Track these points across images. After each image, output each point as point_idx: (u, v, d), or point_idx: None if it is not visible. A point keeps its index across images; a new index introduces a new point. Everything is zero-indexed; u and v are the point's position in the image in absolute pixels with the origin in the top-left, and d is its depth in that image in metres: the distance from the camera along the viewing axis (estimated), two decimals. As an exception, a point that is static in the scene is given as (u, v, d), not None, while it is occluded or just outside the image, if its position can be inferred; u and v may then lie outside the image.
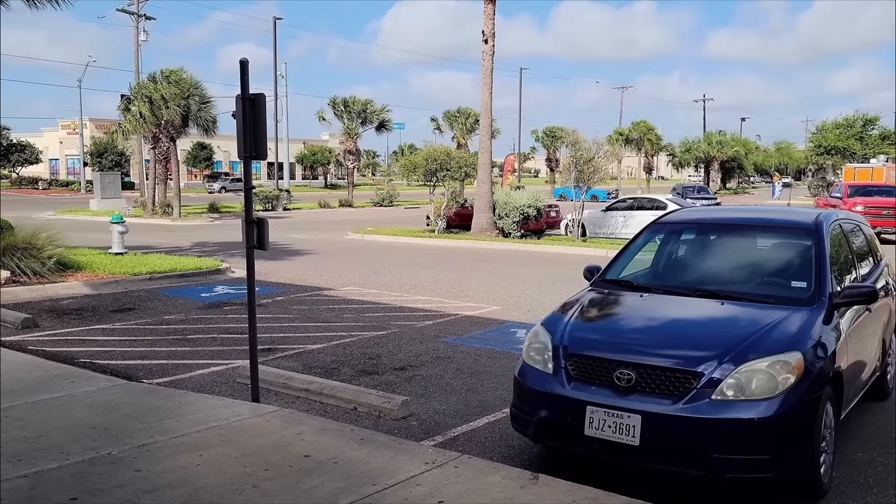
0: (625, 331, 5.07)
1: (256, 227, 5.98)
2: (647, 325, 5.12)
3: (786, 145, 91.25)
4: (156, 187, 32.26)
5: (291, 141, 60.30)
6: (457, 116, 57.60)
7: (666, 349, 4.59)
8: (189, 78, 30.11)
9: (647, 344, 4.71)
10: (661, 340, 4.81)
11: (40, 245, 12.32)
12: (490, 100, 23.01)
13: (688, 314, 5.18)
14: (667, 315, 5.24)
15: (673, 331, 5.04)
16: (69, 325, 9.42)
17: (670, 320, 5.19)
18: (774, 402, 4.20)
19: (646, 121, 68.33)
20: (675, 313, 5.25)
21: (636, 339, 4.81)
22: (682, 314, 5.21)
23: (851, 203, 22.18)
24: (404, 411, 6.05)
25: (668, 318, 5.21)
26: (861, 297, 5.19)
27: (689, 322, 5.09)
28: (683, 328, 5.04)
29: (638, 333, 4.97)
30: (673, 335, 4.94)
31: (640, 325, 5.13)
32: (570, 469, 4.81)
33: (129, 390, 6.24)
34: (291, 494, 4.10)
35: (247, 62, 5.98)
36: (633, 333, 4.97)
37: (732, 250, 6.06)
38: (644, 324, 5.15)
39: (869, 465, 5.14)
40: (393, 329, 9.45)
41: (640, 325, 5.13)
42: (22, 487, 4.18)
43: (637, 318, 5.27)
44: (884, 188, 26.30)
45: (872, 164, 48.84)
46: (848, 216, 6.73)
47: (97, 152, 57.99)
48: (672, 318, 5.20)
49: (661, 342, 4.76)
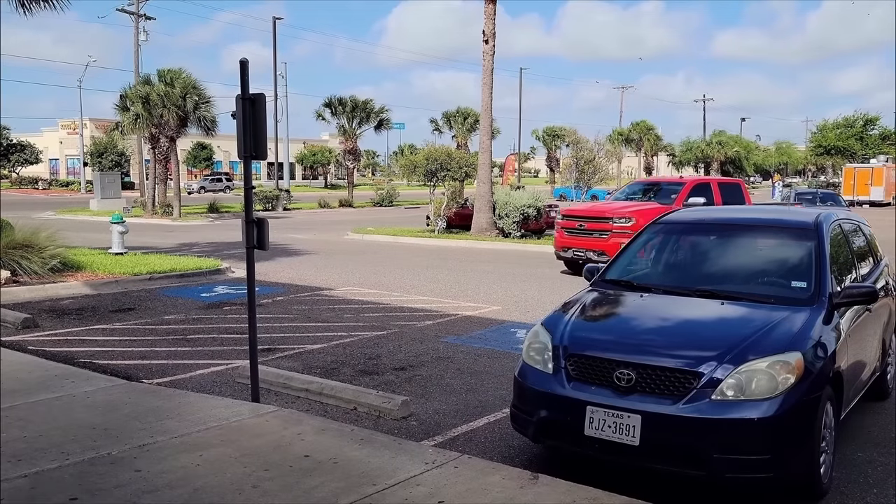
0: (625, 331, 5.07)
1: (256, 227, 5.98)
2: (647, 326, 5.12)
3: (786, 145, 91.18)
4: (156, 187, 32.26)
5: (291, 141, 60.30)
6: (457, 116, 57.60)
7: (666, 349, 4.59)
8: (187, 77, 30.09)
9: (647, 344, 4.70)
10: (661, 340, 4.81)
11: (40, 245, 12.32)
12: (490, 100, 23.03)
13: (688, 314, 5.18)
14: (667, 315, 5.24)
15: (673, 331, 5.04)
16: (69, 325, 9.42)
17: (670, 320, 5.19)
18: (774, 402, 4.20)
19: (646, 121, 68.48)
20: (675, 313, 5.25)
21: (636, 339, 4.80)
22: (682, 314, 5.21)
23: (565, 211, 16.34)
24: (404, 411, 6.05)
25: (668, 319, 5.21)
26: (861, 297, 5.19)
27: (689, 322, 5.09)
28: (683, 328, 5.04)
29: (638, 333, 4.97)
30: (673, 335, 4.94)
31: (640, 326, 5.13)
32: (570, 469, 4.81)
33: (129, 390, 6.24)
34: (291, 494, 4.10)
35: (247, 62, 5.97)
36: (633, 333, 4.97)
37: (732, 250, 6.06)
38: (644, 324, 5.15)
39: (869, 465, 5.14)
40: (393, 329, 9.45)
41: (640, 326, 5.13)
42: (22, 487, 4.18)
43: (637, 318, 5.27)
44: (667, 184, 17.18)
45: (872, 164, 48.91)
46: (848, 216, 6.73)
47: (97, 152, 58.01)
48: (672, 318, 5.20)
49: (661, 342, 4.76)
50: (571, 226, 15.13)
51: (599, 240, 14.48)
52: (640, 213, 14.29)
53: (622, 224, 14.21)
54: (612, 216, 14.51)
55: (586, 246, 14.67)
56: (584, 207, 16.50)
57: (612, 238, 14.01)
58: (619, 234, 13.81)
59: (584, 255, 14.46)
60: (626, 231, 13.61)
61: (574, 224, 15.10)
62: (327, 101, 45.09)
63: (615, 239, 13.74)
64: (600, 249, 14.16)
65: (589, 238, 14.71)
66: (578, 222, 15.03)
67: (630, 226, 13.80)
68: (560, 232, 15.39)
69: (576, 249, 14.86)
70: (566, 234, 15.16)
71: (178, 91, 29.47)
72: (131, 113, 29.78)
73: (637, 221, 13.76)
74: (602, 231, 14.51)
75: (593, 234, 14.67)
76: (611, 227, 14.36)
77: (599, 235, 14.52)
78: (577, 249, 14.83)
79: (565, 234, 15.21)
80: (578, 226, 14.95)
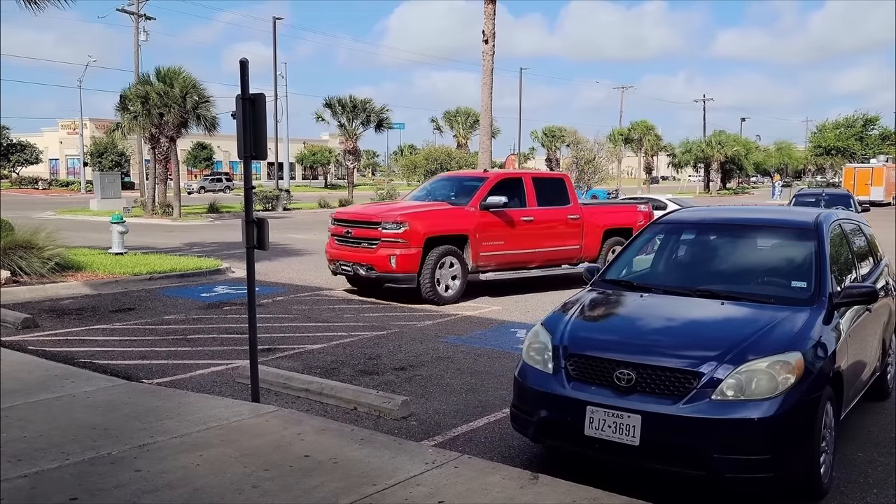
0: (625, 331, 5.07)
1: (256, 227, 5.98)
2: (647, 325, 5.12)
3: (786, 145, 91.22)
4: (156, 187, 32.26)
5: (291, 141, 60.32)
6: (457, 116, 57.66)
7: (666, 349, 4.59)
8: (187, 77, 30.07)
9: (647, 344, 4.70)
10: (661, 340, 4.81)
11: (40, 245, 12.32)
12: (490, 100, 23.05)
13: (688, 314, 5.18)
14: (667, 315, 5.24)
15: (673, 331, 5.04)
16: (69, 325, 9.42)
17: (670, 320, 5.19)
18: (774, 402, 4.20)
19: (646, 120, 68.51)
20: (675, 313, 5.25)
21: (636, 339, 4.80)
22: (682, 314, 5.21)
23: (336, 214, 12.67)
24: (404, 411, 6.05)
25: (668, 318, 5.21)
26: (861, 297, 5.19)
27: (689, 322, 5.09)
28: (683, 328, 5.04)
29: (638, 333, 4.97)
30: (673, 335, 4.94)
31: (640, 325, 5.13)
32: (570, 469, 4.81)
33: (129, 390, 6.24)
34: (291, 494, 4.10)
35: (246, 62, 5.98)
36: (633, 333, 4.97)
37: (732, 250, 6.07)
38: (644, 324, 5.15)
39: (869, 465, 5.15)
40: (393, 329, 9.45)
41: (640, 325, 5.13)
42: (22, 487, 4.18)
43: (637, 318, 5.27)
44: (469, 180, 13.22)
45: (872, 164, 48.91)
46: (848, 216, 6.73)
47: (97, 152, 58.02)
48: (672, 318, 5.20)
49: (661, 342, 4.76)
50: (339, 232, 11.99)
51: (367, 251, 11.41)
52: (415, 217, 11.34)
53: (392, 231, 11.15)
54: (380, 221, 11.38)
55: (353, 258, 11.56)
56: (354, 210, 12.84)
57: (381, 249, 11.19)
58: (389, 244, 11.13)
59: (351, 270, 11.64)
60: (397, 240, 11.07)
61: (342, 230, 11.95)
62: (327, 102, 45.13)
63: (384, 250, 11.13)
64: (368, 263, 11.30)
65: (357, 249, 11.60)
66: (346, 228, 11.87)
67: (402, 233, 11.07)
68: (330, 240, 12.30)
69: (342, 262, 11.73)
70: (336, 244, 12.05)
71: (177, 91, 29.46)
72: (131, 112, 29.77)
73: (411, 227, 11.11)
74: (370, 240, 11.41)
75: (361, 244, 11.57)
76: (379, 233, 11.29)
77: (368, 245, 11.44)
78: (343, 262, 11.71)
79: (335, 242, 12.10)
80: (346, 232, 11.81)
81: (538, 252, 12.55)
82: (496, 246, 11.94)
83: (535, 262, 12.61)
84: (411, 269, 11.12)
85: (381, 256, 11.20)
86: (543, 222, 12.61)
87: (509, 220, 12.09)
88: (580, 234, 13.14)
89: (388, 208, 12.33)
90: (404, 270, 11.11)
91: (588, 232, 13.24)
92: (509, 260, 12.22)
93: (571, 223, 13.04)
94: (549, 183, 13.39)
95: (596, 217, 13.56)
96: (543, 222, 12.61)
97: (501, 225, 12.01)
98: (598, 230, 13.46)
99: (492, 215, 11.88)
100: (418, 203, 12.59)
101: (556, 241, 12.80)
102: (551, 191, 13.05)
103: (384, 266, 11.13)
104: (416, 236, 11.11)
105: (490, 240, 11.83)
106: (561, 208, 12.98)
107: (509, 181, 12.72)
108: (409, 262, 11.09)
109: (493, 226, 11.91)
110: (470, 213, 11.73)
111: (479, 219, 11.74)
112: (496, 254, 11.97)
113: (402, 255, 11.07)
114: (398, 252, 11.07)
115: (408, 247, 11.09)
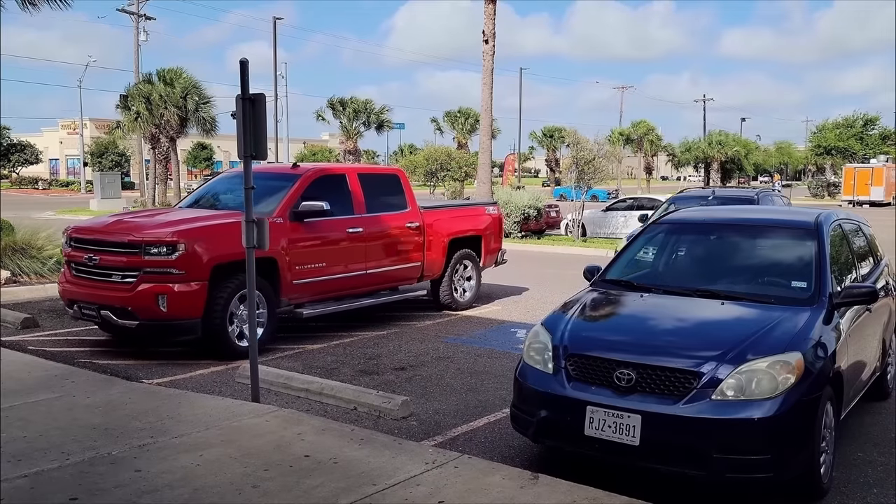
0: (625, 331, 5.07)
1: (256, 226, 5.99)
2: (647, 326, 5.13)
3: (786, 145, 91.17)
4: (156, 187, 32.30)
5: (291, 141, 60.33)
6: (457, 116, 57.66)
7: (666, 349, 4.59)
8: (188, 77, 30.13)
9: (647, 344, 4.71)
10: (661, 340, 4.81)
11: (40, 245, 12.33)
12: (490, 100, 23.03)
13: (688, 314, 5.18)
14: (667, 315, 5.25)
15: (673, 331, 5.04)
16: (69, 325, 9.41)
17: (670, 320, 5.20)
18: (774, 402, 4.20)
19: (646, 121, 68.40)
20: (676, 313, 5.25)
21: (636, 339, 4.81)
22: (682, 314, 5.21)
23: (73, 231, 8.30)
24: (404, 411, 6.05)
25: (668, 319, 5.21)
26: (861, 297, 5.19)
27: (690, 322, 5.09)
28: (683, 328, 5.05)
29: (638, 333, 4.97)
30: (673, 335, 4.95)
31: (640, 326, 5.13)
32: (570, 469, 4.81)
33: (129, 390, 6.24)
34: (291, 494, 4.10)
35: (247, 62, 5.98)
36: (633, 333, 4.97)
37: (732, 250, 6.07)
38: (644, 324, 5.15)
39: (869, 465, 5.15)
40: (393, 329, 9.45)
41: (640, 326, 5.13)
42: (22, 487, 4.18)
43: (637, 318, 5.27)
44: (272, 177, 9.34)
45: (872, 164, 48.88)
46: (848, 216, 6.73)
47: (97, 152, 58.04)
48: (672, 319, 5.20)
49: (661, 342, 4.76)
50: (79, 259, 7.92)
51: (122, 287, 7.48)
52: (196, 235, 7.58)
53: (160, 257, 7.36)
54: (141, 241, 7.46)
55: (101, 299, 7.59)
56: (102, 224, 8.30)
57: (143, 283, 7.37)
58: (156, 275, 7.36)
59: (96, 315, 7.69)
60: (169, 270, 7.33)
61: (81, 255, 7.87)
62: (329, 102, 45.33)
63: (148, 285, 7.35)
64: (123, 305, 7.42)
65: (105, 284, 7.64)
66: (89, 253, 7.79)
67: (175, 259, 7.33)
68: (66, 269, 8.27)
69: (84, 303, 7.80)
70: (73, 275, 8.06)
71: (178, 91, 29.51)
72: (132, 112, 29.81)
73: (188, 249, 7.37)
74: (125, 270, 7.50)
75: (112, 276, 7.60)
76: (141, 260, 7.40)
77: (121, 278, 7.51)
78: (86, 304, 7.78)
79: (71, 274, 8.10)
80: (88, 258, 7.75)
81: (370, 274, 9.31)
82: (314, 270, 8.56)
83: (367, 287, 9.48)
84: (192, 314, 7.45)
85: (145, 294, 7.35)
86: (376, 234, 9.38)
87: (331, 233, 8.82)
88: (421, 246, 10.06)
89: (154, 222, 8.09)
90: (182, 315, 7.42)
91: (431, 243, 10.22)
92: (332, 287, 8.91)
93: (410, 232, 9.89)
94: (381, 181, 10.12)
95: (439, 224, 10.43)
96: (376, 234, 9.38)
97: (321, 240, 8.67)
98: (443, 240, 10.43)
99: (307, 227, 8.48)
100: (199, 213, 8.60)
101: (391, 257, 9.65)
102: (384, 191, 9.85)
103: (149, 309, 7.36)
104: (197, 264, 7.43)
105: (306, 262, 8.44)
106: (397, 214, 9.79)
107: (329, 179, 9.22)
108: (188, 301, 7.41)
109: (309, 241, 8.52)
110: (277, 226, 7.97)
111: (290, 233, 8.27)
112: (315, 280, 8.59)
113: (178, 293, 7.36)
114: (173, 287, 7.37)
115: (186, 279, 7.40)
